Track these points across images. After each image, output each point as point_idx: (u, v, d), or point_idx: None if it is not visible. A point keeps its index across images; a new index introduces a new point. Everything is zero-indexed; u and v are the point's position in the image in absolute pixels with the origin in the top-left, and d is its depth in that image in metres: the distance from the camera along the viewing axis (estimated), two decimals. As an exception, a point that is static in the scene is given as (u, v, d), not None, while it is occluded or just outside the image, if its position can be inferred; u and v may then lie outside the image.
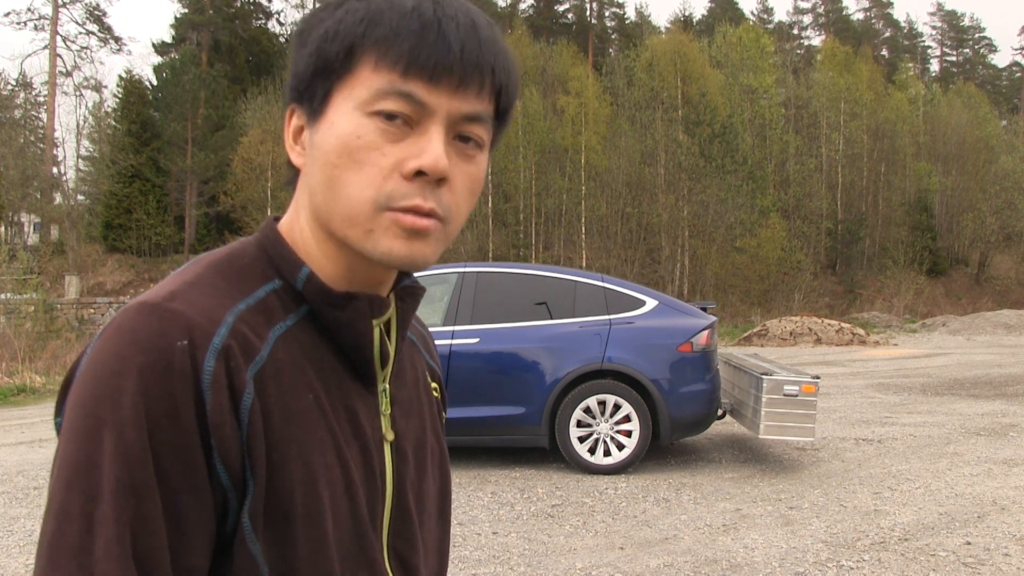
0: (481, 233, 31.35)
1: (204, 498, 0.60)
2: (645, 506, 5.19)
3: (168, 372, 0.59)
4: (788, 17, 61.45)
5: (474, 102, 0.66)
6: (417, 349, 0.87)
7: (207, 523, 0.61)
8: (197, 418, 0.60)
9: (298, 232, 0.72)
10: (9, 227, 31.35)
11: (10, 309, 15.39)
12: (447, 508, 0.85)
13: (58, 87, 36.74)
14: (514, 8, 49.27)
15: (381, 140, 0.64)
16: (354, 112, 0.65)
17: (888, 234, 36.85)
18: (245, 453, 0.62)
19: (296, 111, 0.70)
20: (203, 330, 0.61)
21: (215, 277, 0.67)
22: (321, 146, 0.66)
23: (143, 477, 0.58)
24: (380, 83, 0.64)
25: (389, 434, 0.75)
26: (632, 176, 32.07)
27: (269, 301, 0.68)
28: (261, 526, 0.62)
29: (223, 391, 0.61)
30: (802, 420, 5.94)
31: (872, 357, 15.85)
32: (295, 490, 0.64)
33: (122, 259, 30.94)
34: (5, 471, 6.29)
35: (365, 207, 0.65)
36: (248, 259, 0.70)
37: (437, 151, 0.64)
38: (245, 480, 0.62)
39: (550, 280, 6.50)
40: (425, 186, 0.65)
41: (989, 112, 43.95)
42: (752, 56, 37.00)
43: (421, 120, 0.65)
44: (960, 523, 4.74)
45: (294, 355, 0.67)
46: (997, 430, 7.64)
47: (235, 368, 0.62)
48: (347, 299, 0.69)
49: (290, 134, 0.71)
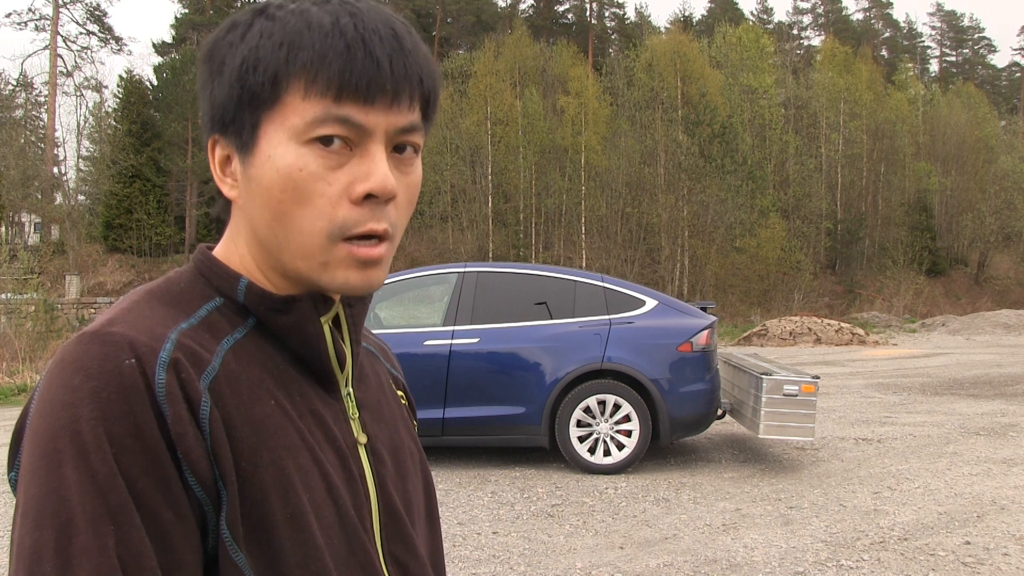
0: (481, 233, 31.38)
1: (185, 513, 0.58)
2: (645, 506, 5.19)
3: (122, 391, 0.57)
4: (788, 17, 61.49)
5: (407, 114, 0.65)
6: (376, 359, 0.85)
7: (193, 539, 0.59)
8: (160, 432, 0.58)
9: (236, 257, 0.70)
10: (10, 227, 31.36)
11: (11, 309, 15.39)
12: (434, 509, 0.84)
13: (59, 87, 36.75)
14: (514, 8, 49.30)
15: (323, 168, 0.63)
16: (290, 143, 0.63)
17: (888, 234, 36.86)
18: (213, 462, 0.60)
19: (220, 141, 0.67)
20: (148, 347, 0.59)
21: (152, 303, 0.65)
22: (261, 181, 0.64)
23: (118, 501, 0.55)
24: (313, 111, 0.62)
25: (362, 437, 0.73)
26: (632, 176, 32.09)
27: (212, 318, 0.66)
28: (242, 535, 0.60)
29: (179, 402, 0.59)
30: (802, 420, 5.95)
31: (872, 357, 15.85)
32: (271, 496, 0.62)
33: (123, 259, 30.96)
34: (5, 471, 6.30)
35: (318, 240, 0.64)
36: (185, 283, 0.69)
37: (383, 171, 0.63)
38: (218, 490, 0.60)
39: (550, 280, 6.51)
40: (375, 208, 0.64)
41: (988, 112, 43.98)
42: (752, 56, 37.01)
43: (360, 141, 0.64)
44: (959, 523, 4.74)
45: (248, 365, 0.66)
46: (996, 430, 7.65)
47: (187, 379, 0.60)
48: (289, 302, 0.68)
49: (217, 165, 0.68)
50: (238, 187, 0.67)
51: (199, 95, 0.69)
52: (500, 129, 32.69)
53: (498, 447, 6.56)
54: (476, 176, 32.56)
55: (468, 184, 32.49)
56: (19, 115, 37.94)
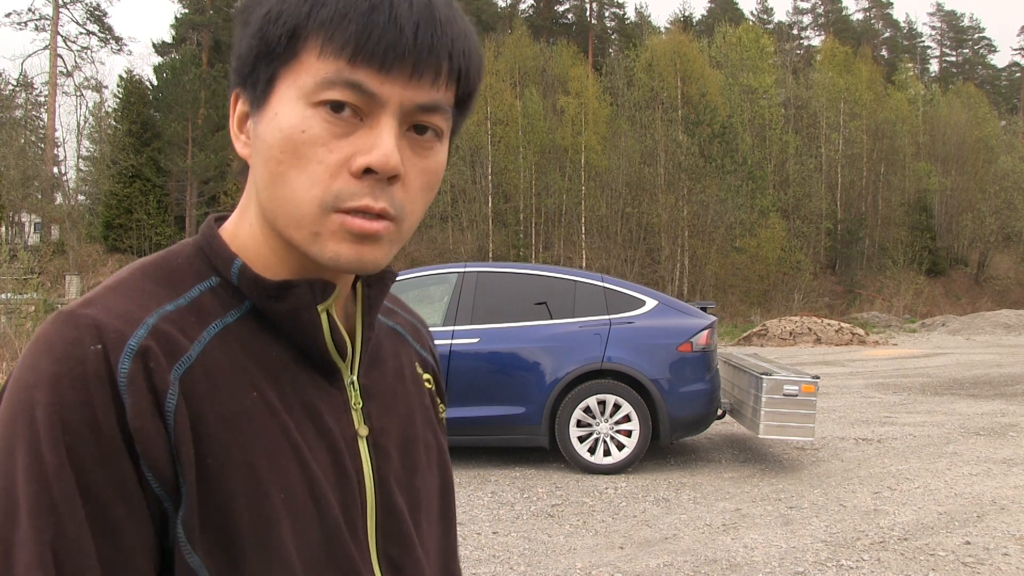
0: (481, 233, 31.38)
1: (138, 509, 0.56)
2: (645, 506, 5.20)
3: (83, 379, 0.55)
4: (788, 17, 61.51)
5: (430, 91, 0.60)
6: (403, 339, 0.81)
7: (146, 535, 0.56)
8: (119, 424, 0.55)
9: (247, 226, 0.67)
10: (10, 227, 31.35)
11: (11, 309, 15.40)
12: (449, 505, 0.80)
13: (59, 87, 36.76)
14: (514, 8, 49.30)
15: (327, 134, 0.59)
16: (298, 102, 0.59)
17: (888, 234, 36.88)
18: (175, 458, 0.57)
19: (241, 96, 0.64)
20: (118, 332, 0.57)
21: (142, 281, 0.63)
22: (264, 138, 0.61)
23: (63, 493, 0.53)
24: (325, 71, 0.58)
25: (362, 429, 0.69)
26: (632, 176, 32.10)
27: (203, 300, 0.64)
28: (199, 537, 0.57)
29: (142, 393, 0.56)
30: (802, 420, 5.95)
31: (872, 357, 15.85)
32: (237, 497, 0.59)
33: (123, 259, 30.94)
34: None
35: (311, 208, 0.60)
36: (182, 260, 0.66)
37: (387, 147, 0.59)
38: (179, 487, 0.57)
39: (550, 280, 6.51)
40: (375, 184, 0.60)
41: (988, 112, 43.98)
42: (752, 56, 37.02)
43: (371, 111, 0.59)
44: (959, 523, 4.75)
45: (233, 353, 0.62)
46: (996, 430, 7.65)
47: (155, 368, 0.57)
48: (285, 287, 0.64)
49: (235, 121, 0.66)
50: (249, 144, 0.65)
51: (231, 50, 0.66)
52: (500, 129, 32.69)
53: (498, 447, 6.56)
54: (476, 176, 32.56)
55: (468, 184, 32.49)
56: (19, 115, 37.95)
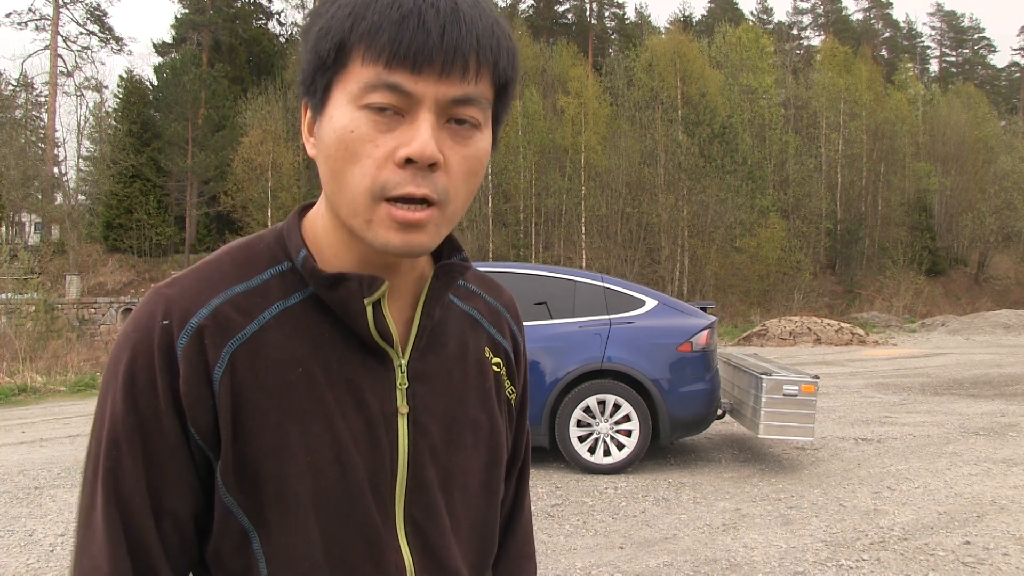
0: (481, 233, 31.36)
1: (179, 452, 0.70)
2: (645, 506, 5.20)
3: (150, 347, 0.70)
4: (788, 17, 61.52)
5: (461, 85, 0.68)
6: (477, 324, 0.88)
7: (185, 473, 0.71)
8: (171, 385, 0.69)
9: (319, 218, 0.77)
10: (10, 227, 31.35)
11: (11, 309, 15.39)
12: (494, 482, 0.86)
13: (59, 87, 36.77)
14: (514, 8, 49.27)
15: (374, 131, 0.67)
16: (348, 106, 0.68)
17: (887, 234, 36.88)
18: (215, 418, 0.70)
19: (307, 104, 0.73)
20: (184, 311, 0.71)
21: (223, 261, 0.76)
22: (323, 139, 0.70)
23: (125, 432, 0.70)
24: (368, 76, 0.66)
25: (403, 407, 0.77)
26: (632, 176, 32.09)
27: (272, 283, 0.75)
28: (233, 483, 0.71)
29: (194, 364, 0.69)
30: (802, 420, 5.95)
31: (871, 357, 15.86)
32: (265, 455, 0.71)
33: (123, 259, 30.95)
34: (6, 471, 6.30)
35: (363, 197, 0.68)
36: (265, 244, 0.78)
37: (423, 138, 0.66)
38: (219, 441, 0.71)
39: (550, 280, 6.51)
40: (417, 173, 0.67)
41: (988, 112, 44.00)
42: (752, 56, 37.02)
43: (410, 109, 0.67)
44: (959, 523, 4.75)
45: (288, 332, 0.74)
46: (996, 430, 7.66)
47: (209, 344, 0.70)
48: (336, 280, 0.74)
49: (305, 127, 0.75)
50: (316, 146, 0.73)
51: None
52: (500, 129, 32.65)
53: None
54: (476, 176, 32.52)
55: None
56: (19, 115, 37.93)
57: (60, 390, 11.52)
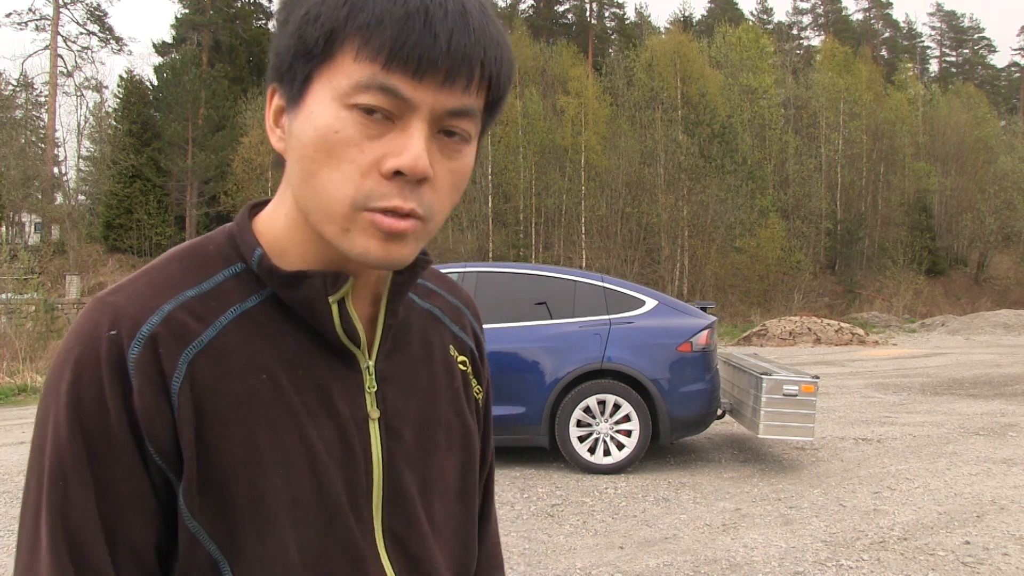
0: (481, 233, 31.36)
1: (135, 476, 0.63)
2: (645, 506, 5.20)
3: (96, 361, 0.62)
4: (787, 17, 61.48)
5: (461, 96, 0.62)
6: (439, 322, 0.83)
7: (143, 499, 0.63)
8: (124, 403, 0.62)
9: (282, 216, 0.71)
10: (10, 227, 31.34)
11: (11, 309, 15.39)
12: (469, 487, 0.81)
13: (59, 87, 36.76)
14: (514, 8, 49.27)
15: (360, 135, 0.61)
16: (332, 103, 0.61)
17: (887, 234, 36.87)
18: (176, 433, 0.63)
19: (277, 91, 0.67)
20: (133, 319, 0.64)
21: (171, 266, 0.69)
22: (299, 136, 0.64)
23: (72, 459, 0.62)
24: (360, 75, 0.60)
25: (374, 412, 0.72)
26: (632, 176, 32.09)
27: (227, 286, 0.69)
28: (198, 505, 0.63)
29: (149, 376, 0.62)
30: (801, 420, 5.95)
31: (871, 357, 15.85)
32: (235, 471, 0.64)
33: (123, 259, 30.95)
34: (6, 471, 6.30)
35: (342, 205, 0.62)
36: (214, 246, 0.71)
37: (417, 151, 0.61)
38: (181, 460, 0.63)
39: (550, 280, 6.51)
40: (404, 186, 0.62)
41: (988, 112, 43.97)
42: (752, 56, 37.02)
43: (403, 115, 0.61)
44: (959, 523, 4.75)
45: (248, 337, 0.67)
46: (996, 430, 7.66)
47: (164, 353, 0.63)
48: (299, 278, 0.68)
49: (271, 115, 0.68)
50: (284, 139, 0.67)
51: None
52: (500, 129, 32.67)
53: (498, 447, 6.56)
54: (476, 176, 32.53)
55: (468, 184, 32.42)
56: (19, 115, 37.90)
57: (60, 390, 11.51)
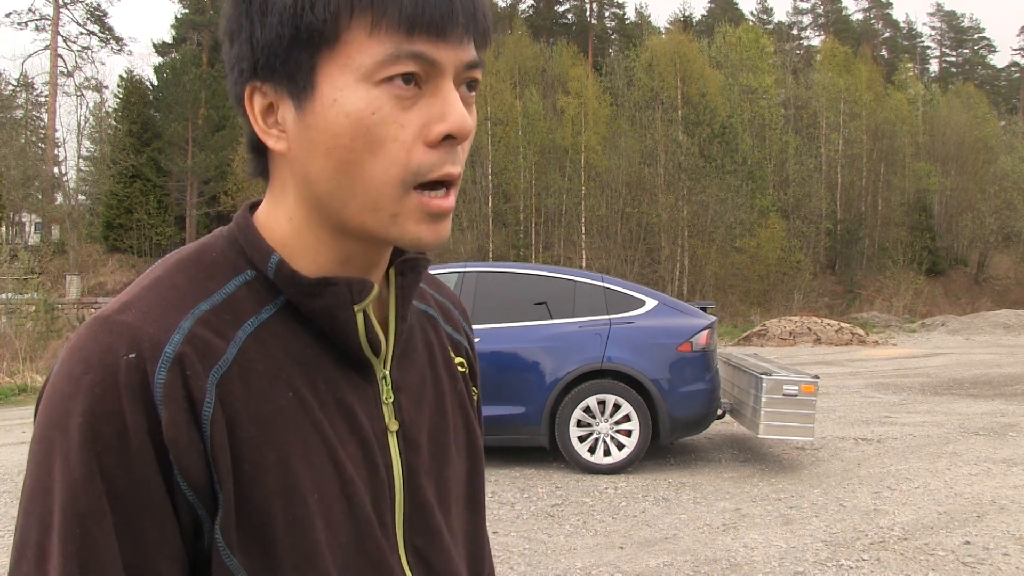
0: (481, 233, 31.36)
1: (165, 518, 0.56)
2: (645, 505, 5.20)
3: (115, 389, 0.55)
4: (788, 17, 61.45)
5: (472, 49, 0.62)
6: (434, 323, 0.80)
7: (172, 543, 0.57)
8: (150, 435, 0.55)
9: (284, 219, 0.66)
10: (10, 227, 31.34)
11: (11, 309, 15.40)
12: (477, 493, 0.79)
13: (59, 87, 36.75)
14: (514, 8, 49.26)
15: (396, 111, 0.59)
16: (360, 85, 0.58)
17: (887, 234, 36.87)
18: (210, 466, 0.57)
19: (261, 89, 0.62)
20: (153, 340, 0.57)
21: (176, 276, 0.63)
22: (327, 128, 0.59)
23: (91, 503, 0.54)
24: (384, 48, 0.58)
25: (392, 424, 0.69)
26: (632, 176, 32.09)
27: (239, 296, 0.63)
28: (236, 540, 0.58)
29: (178, 403, 0.56)
30: (802, 420, 5.95)
31: (871, 357, 15.85)
32: (273, 500, 0.59)
33: (123, 259, 30.95)
34: (6, 471, 6.30)
35: (391, 189, 0.60)
36: (217, 252, 0.65)
37: (461, 110, 0.60)
38: (215, 493, 0.58)
39: (550, 280, 6.51)
40: (450, 150, 0.61)
41: (988, 112, 43.96)
42: (752, 56, 37.01)
43: (429, 79, 0.60)
44: (959, 522, 4.75)
45: (269, 351, 0.62)
46: (996, 430, 7.66)
47: (192, 376, 0.57)
48: (322, 285, 0.64)
49: (258, 116, 0.63)
50: (286, 138, 0.62)
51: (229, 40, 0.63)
52: (500, 129, 32.68)
53: (498, 447, 6.56)
54: (476, 176, 32.55)
55: (468, 184, 32.46)
56: (19, 115, 37.92)
57: (60, 390, 11.52)
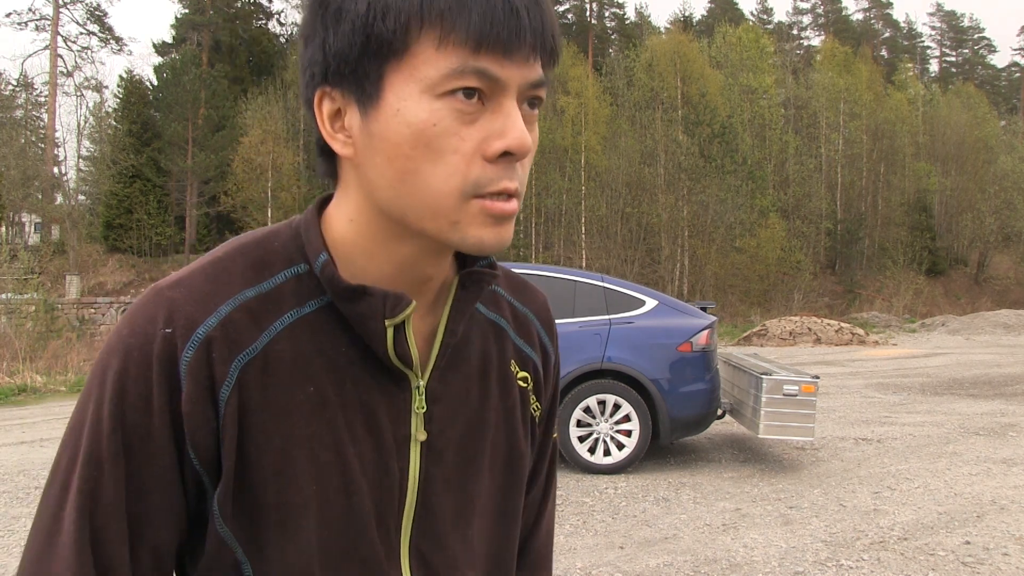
0: (481, 233, 31.32)
1: (169, 478, 0.62)
2: (645, 505, 5.20)
3: (147, 357, 0.61)
4: (788, 17, 61.51)
5: (538, 68, 0.62)
6: (503, 334, 0.80)
7: (172, 501, 0.63)
8: (170, 405, 0.61)
9: (345, 221, 0.68)
10: (10, 227, 31.34)
11: (11, 309, 15.40)
12: (512, 509, 0.79)
13: (59, 87, 36.76)
14: (514, 8, 49.23)
15: (457, 124, 0.60)
16: (423, 96, 0.60)
17: (887, 234, 36.88)
18: (219, 441, 0.63)
19: (330, 94, 0.64)
20: (190, 319, 0.62)
21: (235, 259, 0.67)
22: (388, 136, 0.61)
23: (110, 450, 0.61)
24: (449, 63, 0.59)
25: (420, 434, 0.70)
26: (632, 176, 32.09)
27: (287, 287, 0.67)
28: (230, 513, 0.63)
29: (199, 381, 0.61)
30: (802, 420, 5.95)
31: (871, 357, 15.86)
32: (269, 483, 0.64)
33: (123, 259, 30.95)
34: (6, 470, 6.30)
35: (451, 198, 0.61)
36: (279, 242, 0.69)
37: (521, 128, 0.61)
38: (220, 466, 0.63)
39: (550, 280, 6.51)
40: (508, 166, 0.62)
41: (988, 112, 43.99)
42: (752, 56, 37.02)
43: (493, 96, 0.61)
44: (959, 523, 4.75)
45: (301, 346, 0.66)
46: (996, 430, 7.66)
47: (217, 359, 0.62)
48: (358, 293, 0.65)
49: (326, 120, 0.64)
50: (352, 143, 0.64)
51: (304, 43, 0.65)
52: (500, 129, 32.68)
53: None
54: (476, 176, 32.57)
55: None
56: (19, 115, 37.94)
57: (60, 390, 11.52)
